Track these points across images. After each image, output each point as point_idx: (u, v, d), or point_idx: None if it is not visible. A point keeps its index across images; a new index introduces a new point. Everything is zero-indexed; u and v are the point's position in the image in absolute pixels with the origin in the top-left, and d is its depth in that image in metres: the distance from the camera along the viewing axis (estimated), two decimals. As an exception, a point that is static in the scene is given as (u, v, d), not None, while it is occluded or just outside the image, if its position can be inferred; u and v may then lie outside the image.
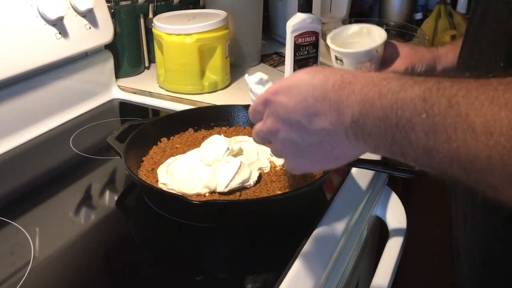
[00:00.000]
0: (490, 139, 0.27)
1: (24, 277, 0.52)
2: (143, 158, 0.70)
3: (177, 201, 0.57)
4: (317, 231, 0.58)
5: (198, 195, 0.61)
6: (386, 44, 0.74)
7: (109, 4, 0.99)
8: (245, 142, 0.72)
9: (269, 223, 0.60)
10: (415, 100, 0.31)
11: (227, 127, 0.79)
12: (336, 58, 0.77)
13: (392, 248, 0.68)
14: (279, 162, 0.67)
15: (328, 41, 0.77)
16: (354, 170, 0.70)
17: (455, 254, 0.58)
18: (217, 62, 0.99)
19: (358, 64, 0.74)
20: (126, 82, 1.06)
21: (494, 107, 0.28)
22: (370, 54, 0.73)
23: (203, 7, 1.21)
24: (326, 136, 0.39)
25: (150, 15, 1.09)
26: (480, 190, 0.30)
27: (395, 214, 0.73)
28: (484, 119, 0.28)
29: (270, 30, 1.38)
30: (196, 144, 0.73)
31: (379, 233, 0.86)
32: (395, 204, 0.75)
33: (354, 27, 0.78)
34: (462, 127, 0.29)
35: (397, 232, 0.71)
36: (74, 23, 0.87)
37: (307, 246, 0.56)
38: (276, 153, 0.48)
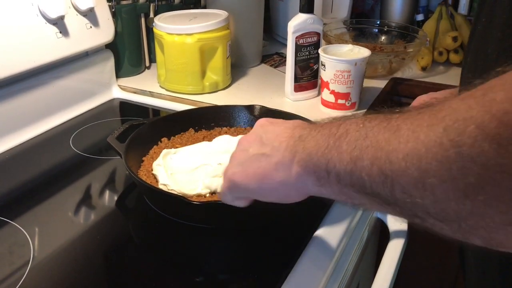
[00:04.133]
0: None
1: (24, 277, 0.52)
2: (144, 158, 0.70)
3: (178, 202, 0.57)
4: (318, 233, 0.58)
5: (199, 195, 0.61)
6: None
7: (110, 4, 0.98)
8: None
9: (269, 224, 0.60)
10: (357, 119, 0.35)
11: (228, 127, 0.79)
12: (322, 64, 0.90)
13: (393, 250, 0.68)
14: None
15: (320, 49, 0.90)
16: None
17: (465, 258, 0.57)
18: (218, 62, 0.99)
19: (337, 72, 0.87)
20: (126, 81, 1.06)
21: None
22: (348, 65, 0.86)
23: (204, 7, 1.21)
24: (269, 151, 0.42)
25: (151, 15, 1.09)
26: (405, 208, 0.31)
27: (396, 217, 0.73)
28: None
29: (271, 30, 1.38)
30: (197, 144, 0.73)
31: (380, 235, 0.85)
32: (396, 206, 0.75)
33: (349, 46, 0.93)
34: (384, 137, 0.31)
35: (398, 234, 0.71)
36: (74, 22, 0.87)
37: (308, 248, 0.55)
38: (225, 169, 0.49)
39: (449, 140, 0.27)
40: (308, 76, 0.96)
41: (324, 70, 0.89)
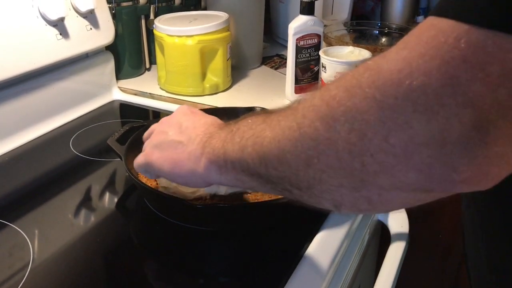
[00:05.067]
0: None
1: (23, 280, 0.52)
2: (144, 160, 0.69)
3: (178, 205, 0.56)
4: (319, 236, 0.58)
5: (199, 198, 0.61)
6: None
7: (110, 5, 0.98)
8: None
9: (270, 227, 0.60)
10: (250, 117, 0.42)
11: (228, 129, 0.78)
12: (322, 65, 0.89)
13: (394, 253, 0.68)
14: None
15: (321, 51, 0.90)
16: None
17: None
18: (218, 64, 0.99)
19: (337, 73, 0.86)
20: (126, 83, 1.06)
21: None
22: (349, 67, 0.85)
23: (205, 9, 1.21)
24: (185, 141, 0.48)
25: (151, 17, 1.09)
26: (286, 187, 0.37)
27: (397, 219, 0.73)
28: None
29: (272, 32, 1.38)
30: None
31: (381, 238, 0.85)
32: (397, 208, 0.75)
33: (350, 48, 0.93)
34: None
35: (399, 236, 0.71)
36: (75, 24, 0.87)
37: (309, 251, 0.55)
38: (146, 142, 0.55)
39: (296, 124, 0.34)
40: (308, 78, 0.96)
41: (325, 72, 0.89)
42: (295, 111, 0.35)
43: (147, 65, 1.14)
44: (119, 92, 1.02)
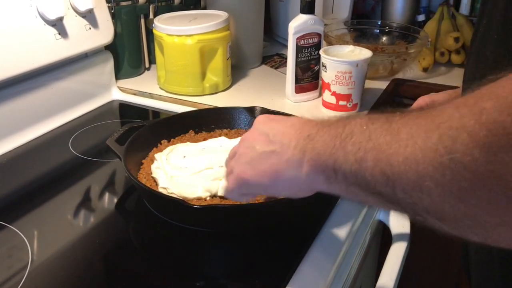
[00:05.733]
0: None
1: (22, 281, 0.51)
2: (143, 161, 0.69)
3: (178, 205, 0.56)
4: (320, 236, 0.57)
5: (199, 199, 0.60)
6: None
7: (109, 5, 0.98)
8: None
9: (271, 228, 0.59)
10: (361, 120, 0.36)
11: (228, 129, 0.78)
12: (323, 65, 0.89)
13: (395, 254, 0.67)
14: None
15: (321, 50, 0.90)
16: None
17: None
18: (218, 64, 0.98)
19: (338, 73, 0.86)
20: (126, 83, 1.05)
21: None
22: (349, 66, 0.85)
23: (204, 8, 1.20)
24: (278, 148, 0.43)
25: (151, 16, 1.08)
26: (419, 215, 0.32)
27: (399, 219, 0.73)
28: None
29: (272, 31, 1.37)
30: (197, 146, 0.72)
31: (382, 238, 0.85)
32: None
33: (350, 47, 0.92)
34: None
35: (400, 237, 0.71)
36: (74, 23, 0.87)
37: (310, 251, 0.55)
38: (232, 159, 0.49)
39: (443, 147, 0.29)
40: (309, 77, 0.95)
41: (325, 71, 0.88)
42: (434, 126, 0.30)
43: (147, 65, 1.13)
44: (119, 92, 1.02)
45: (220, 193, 0.60)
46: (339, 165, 0.36)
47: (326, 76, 0.88)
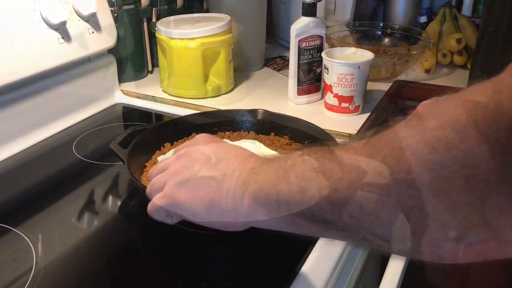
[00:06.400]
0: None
1: (27, 284, 0.52)
2: (146, 164, 0.69)
3: (181, 208, 0.56)
4: (322, 239, 0.57)
5: (202, 201, 0.60)
6: None
7: (112, 8, 0.98)
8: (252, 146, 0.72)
9: (273, 230, 0.59)
10: (303, 152, 0.36)
11: (231, 131, 0.78)
12: (325, 67, 0.89)
13: (398, 257, 0.67)
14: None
15: (323, 52, 0.90)
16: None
17: None
18: (221, 67, 0.99)
19: (340, 75, 0.86)
20: (129, 86, 1.06)
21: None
22: (351, 68, 0.85)
23: (207, 11, 1.21)
24: (220, 176, 0.41)
25: (154, 19, 1.09)
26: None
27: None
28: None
29: (274, 34, 1.38)
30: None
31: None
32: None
33: (352, 49, 0.93)
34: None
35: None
36: (77, 27, 0.87)
37: (312, 254, 0.55)
38: (163, 173, 0.47)
39: (387, 168, 0.29)
40: (311, 79, 0.95)
41: (328, 73, 0.88)
42: (377, 149, 0.30)
43: (150, 68, 1.14)
44: (122, 95, 1.02)
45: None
46: (282, 196, 0.35)
47: (328, 78, 0.89)
